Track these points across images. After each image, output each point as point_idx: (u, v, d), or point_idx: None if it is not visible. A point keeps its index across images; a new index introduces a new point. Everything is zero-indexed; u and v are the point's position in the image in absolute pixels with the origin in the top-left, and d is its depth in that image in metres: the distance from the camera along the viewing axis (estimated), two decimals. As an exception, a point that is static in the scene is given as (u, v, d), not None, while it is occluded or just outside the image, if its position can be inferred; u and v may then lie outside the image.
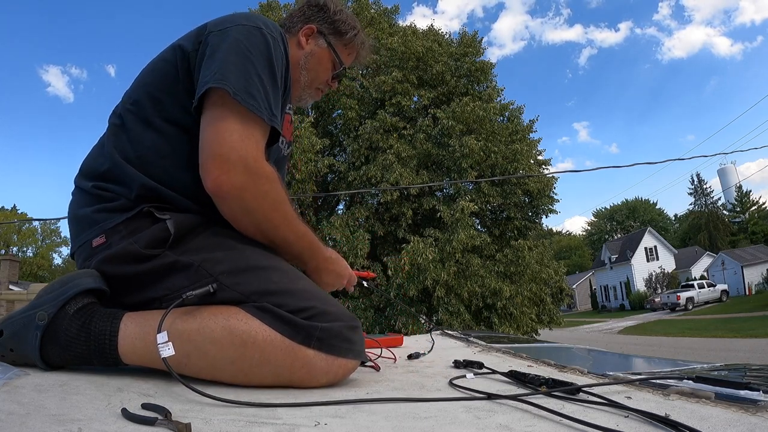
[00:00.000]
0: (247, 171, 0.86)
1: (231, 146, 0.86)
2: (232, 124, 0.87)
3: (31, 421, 0.56)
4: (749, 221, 42.05)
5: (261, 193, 0.89)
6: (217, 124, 0.87)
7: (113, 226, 0.90)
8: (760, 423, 0.58)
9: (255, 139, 0.89)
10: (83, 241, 0.94)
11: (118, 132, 0.98)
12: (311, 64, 1.19)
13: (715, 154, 48.72)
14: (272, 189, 0.91)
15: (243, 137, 0.87)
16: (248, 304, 0.84)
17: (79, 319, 0.83)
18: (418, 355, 1.33)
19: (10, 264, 16.06)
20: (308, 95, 1.24)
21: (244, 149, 0.87)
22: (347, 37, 1.22)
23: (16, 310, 0.88)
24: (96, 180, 0.96)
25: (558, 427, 0.60)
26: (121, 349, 0.82)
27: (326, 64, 1.21)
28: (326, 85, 1.25)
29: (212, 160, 0.86)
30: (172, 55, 0.97)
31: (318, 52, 1.19)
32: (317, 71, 1.21)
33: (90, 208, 0.95)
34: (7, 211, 36.52)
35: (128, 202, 0.92)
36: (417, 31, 12.18)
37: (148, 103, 0.96)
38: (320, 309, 0.85)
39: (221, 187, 0.86)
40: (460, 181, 10.34)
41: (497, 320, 9.71)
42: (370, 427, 0.60)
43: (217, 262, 0.87)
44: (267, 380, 0.83)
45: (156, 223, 0.89)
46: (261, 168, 0.89)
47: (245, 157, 0.86)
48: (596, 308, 41.89)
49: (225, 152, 0.85)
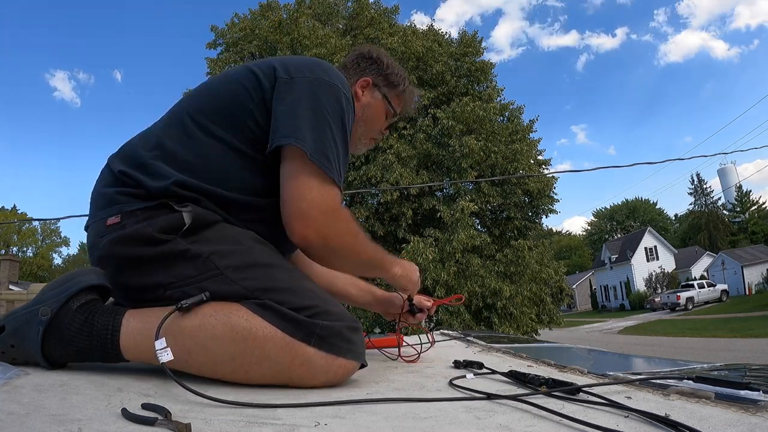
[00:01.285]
0: (329, 224, 0.95)
1: (311, 203, 0.93)
2: (310, 182, 0.93)
3: (31, 421, 0.56)
4: (749, 221, 42.06)
5: (342, 235, 0.98)
6: (297, 182, 0.93)
7: (131, 210, 0.92)
8: (760, 423, 0.58)
9: (332, 195, 0.95)
10: (99, 218, 0.95)
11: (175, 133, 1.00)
12: (368, 115, 1.24)
13: (715, 154, 48.78)
14: (350, 229, 1.00)
15: (321, 193, 0.93)
16: (250, 300, 0.85)
17: (82, 315, 0.84)
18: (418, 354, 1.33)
19: (10, 264, 16.07)
20: (363, 145, 1.31)
21: (324, 203, 0.94)
22: (399, 89, 1.27)
23: (18, 307, 0.88)
24: (131, 167, 0.97)
25: (558, 427, 0.60)
26: (123, 345, 0.83)
27: (381, 115, 1.27)
28: (380, 134, 1.32)
29: (296, 218, 0.93)
30: (249, 80, 1.01)
31: (374, 104, 1.24)
32: (373, 122, 1.26)
33: (114, 188, 0.96)
34: (7, 211, 36.52)
35: (150, 194, 0.93)
36: (417, 31, 12.19)
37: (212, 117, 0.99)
38: (322, 308, 0.86)
39: (307, 240, 0.94)
40: (460, 181, 10.34)
41: (497, 320, 9.71)
42: (370, 427, 0.60)
43: (225, 255, 0.88)
44: (267, 377, 0.84)
45: (173, 213, 0.91)
46: (336, 213, 0.96)
47: (324, 211, 0.94)
48: (596, 308, 41.89)
49: (305, 209, 0.93)
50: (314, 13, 11.96)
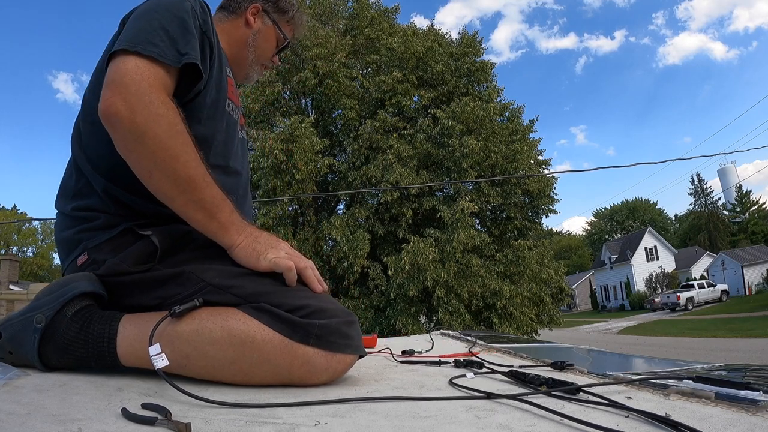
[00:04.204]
0: (140, 93, 0.81)
1: (125, 72, 0.83)
2: (130, 61, 0.84)
3: (31, 421, 0.56)
4: (749, 221, 42.03)
5: (154, 115, 0.82)
6: (116, 64, 0.84)
7: (95, 245, 0.92)
8: (760, 423, 0.58)
9: (155, 74, 0.85)
10: (69, 261, 0.96)
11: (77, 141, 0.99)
12: (258, 41, 1.23)
13: (715, 154, 48.82)
14: (169, 115, 0.84)
15: (140, 68, 0.83)
16: (245, 304, 0.84)
17: (78, 322, 0.83)
18: (412, 352, 1.33)
19: (10, 264, 16.05)
20: (255, 72, 1.27)
21: (140, 75, 0.83)
22: (289, 14, 1.28)
23: (14, 312, 0.88)
24: (74, 199, 0.97)
25: (558, 427, 0.59)
26: (120, 352, 0.83)
27: (272, 42, 1.27)
28: (270, 61, 1.30)
29: (106, 86, 0.83)
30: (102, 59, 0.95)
31: (264, 30, 1.24)
32: (264, 48, 1.25)
33: (72, 230, 0.96)
34: (7, 211, 36.51)
35: (110, 219, 0.93)
36: (417, 31, 12.18)
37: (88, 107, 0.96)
38: (316, 306, 0.85)
39: (110, 108, 0.81)
40: (460, 181, 10.34)
41: (497, 320, 9.71)
42: (370, 426, 0.60)
43: (207, 268, 0.88)
44: (267, 379, 0.84)
45: (139, 240, 0.90)
46: (157, 93, 0.83)
47: (139, 81, 0.82)
48: (596, 308, 41.87)
49: (119, 78, 0.82)
50: (314, 13, 11.95)
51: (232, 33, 1.20)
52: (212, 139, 1.01)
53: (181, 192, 0.85)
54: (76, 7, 74.83)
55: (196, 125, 0.95)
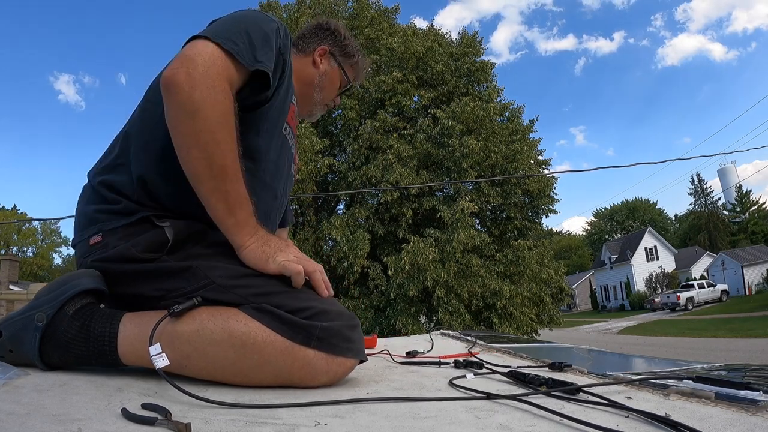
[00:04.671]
0: (206, 74, 0.83)
1: (199, 52, 0.84)
2: (208, 47, 0.86)
3: (31, 421, 0.56)
4: (749, 221, 42.02)
5: (212, 98, 0.83)
6: (194, 44, 0.86)
7: (111, 229, 0.91)
8: (760, 423, 0.58)
9: (226, 66, 0.86)
10: (82, 238, 0.95)
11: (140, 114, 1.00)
12: (324, 83, 1.29)
13: (715, 154, 48.69)
14: (225, 103, 0.85)
15: (215, 55, 0.85)
16: (247, 305, 0.84)
17: (79, 320, 0.83)
18: (416, 353, 1.33)
19: (10, 264, 16.04)
20: (318, 110, 1.34)
21: (211, 60, 0.84)
22: (354, 59, 1.33)
23: (14, 311, 0.88)
24: (105, 172, 0.97)
25: (558, 427, 0.59)
26: (121, 351, 0.83)
27: (335, 83, 1.32)
28: (332, 101, 1.36)
29: (177, 58, 0.84)
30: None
31: (330, 72, 1.30)
32: (328, 89, 1.31)
33: (93, 206, 0.96)
34: (7, 211, 36.51)
35: (130, 206, 0.93)
36: (417, 31, 12.18)
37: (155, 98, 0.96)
38: (319, 308, 0.85)
39: (174, 77, 0.82)
40: (460, 181, 10.34)
41: (497, 320, 9.71)
42: (370, 426, 0.60)
43: (213, 265, 0.88)
44: (267, 380, 0.84)
45: (154, 229, 0.90)
46: (221, 81, 0.85)
47: (210, 65, 0.84)
48: (596, 308, 41.86)
49: (192, 54, 0.84)
50: (314, 13, 11.94)
51: (300, 70, 1.23)
52: (266, 153, 1.03)
53: (211, 177, 0.86)
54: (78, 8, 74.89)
55: (254, 135, 0.98)
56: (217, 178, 0.86)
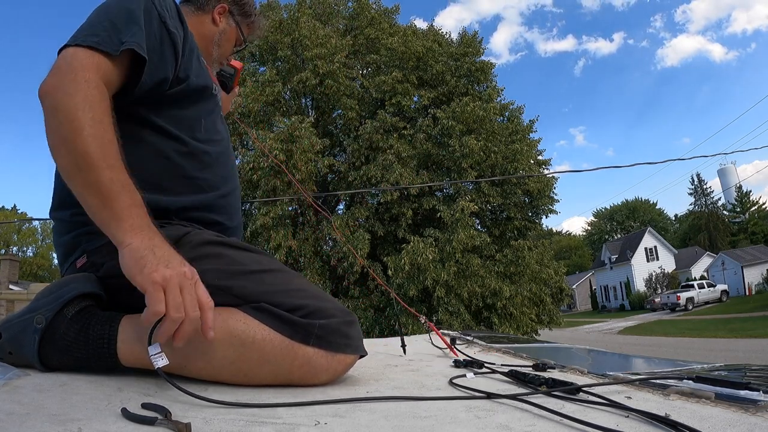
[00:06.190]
0: (68, 72, 0.82)
1: (62, 58, 0.84)
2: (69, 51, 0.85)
3: (31, 421, 0.56)
4: (749, 221, 42.01)
5: (72, 90, 0.80)
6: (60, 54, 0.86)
7: (95, 248, 0.92)
8: (760, 423, 0.58)
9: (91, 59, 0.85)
10: (69, 263, 0.96)
11: None
12: (222, 40, 1.30)
13: (715, 154, 48.79)
14: (87, 89, 0.81)
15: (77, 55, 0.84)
16: (245, 305, 0.84)
17: (78, 323, 0.83)
18: None
19: (10, 264, 16.04)
20: (214, 68, 1.34)
21: (76, 60, 0.83)
22: (251, 18, 1.35)
23: (13, 313, 0.87)
24: (74, 205, 0.92)
25: (558, 426, 0.59)
26: (120, 353, 0.82)
27: (232, 42, 1.33)
28: (226, 59, 1.37)
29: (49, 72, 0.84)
30: None
31: (228, 30, 1.31)
32: (225, 48, 1.32)
33: (71, 234, 0.96)
34: (7, 211, 36.52)
35: None
36: (417, 31, 12.19)
37: None
38: (315, 306, 0.85)
39: (42, 87, 0.81)
40: (460, 181, 10.34)
41: (497, 320, 9.71)
42: (369, 426, 0.60)
43: (206, 270, 0.86)
44: (267, 379, 0.84)
45: None
46: (83, 72, 0.82)
47: (71, 63, 0.83)
48: (596, 308, 41.85)
49: (58, 63, 0.84)
50: (314, 13, 11.95)
51: (198, 28, 1.24)
52: (200, 119, 1.07)
53: (77, 169, 0.78)
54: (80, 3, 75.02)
55: (184, 109, 1.02)
56: (83, 170, 0.77)
